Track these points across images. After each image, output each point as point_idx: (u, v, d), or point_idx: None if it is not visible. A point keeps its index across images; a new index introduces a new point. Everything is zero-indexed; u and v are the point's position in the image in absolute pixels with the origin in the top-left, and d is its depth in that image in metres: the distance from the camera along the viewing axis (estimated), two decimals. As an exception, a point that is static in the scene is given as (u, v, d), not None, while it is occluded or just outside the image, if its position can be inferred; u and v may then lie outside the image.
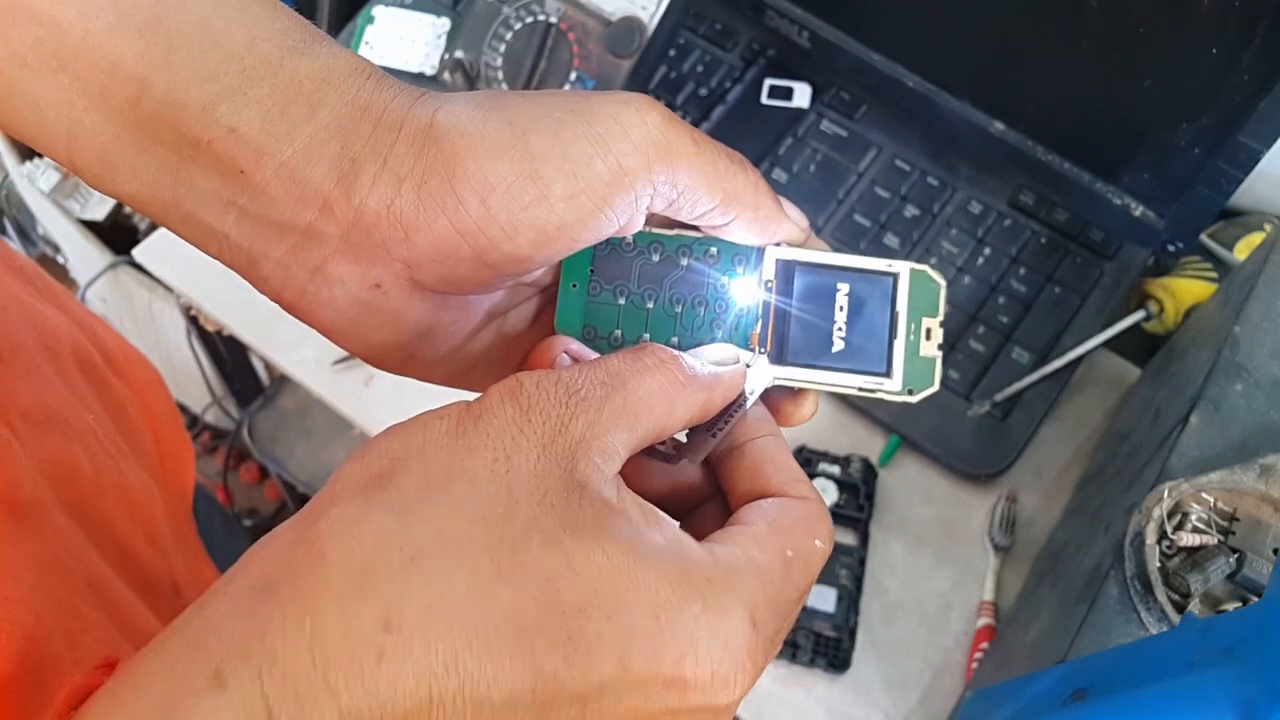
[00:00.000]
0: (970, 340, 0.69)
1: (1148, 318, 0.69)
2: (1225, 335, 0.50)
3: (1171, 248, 0.70)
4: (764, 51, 0.78)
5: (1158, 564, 0.43)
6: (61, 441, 0.42)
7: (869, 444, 0.69)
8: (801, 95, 0.76)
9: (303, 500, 1.21)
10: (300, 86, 0.27)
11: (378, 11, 0.81)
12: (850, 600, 0.64)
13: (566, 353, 0.30)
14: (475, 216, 0.27)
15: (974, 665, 0.62)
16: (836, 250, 0.33)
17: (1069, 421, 0.70)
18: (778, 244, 0.33)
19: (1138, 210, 0.70)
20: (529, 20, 0.75)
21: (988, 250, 0.72)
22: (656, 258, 0.33)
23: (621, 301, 0.33)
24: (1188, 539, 0.43)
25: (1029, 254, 0.72)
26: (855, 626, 0.63)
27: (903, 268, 0.33)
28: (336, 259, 0.28)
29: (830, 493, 0.66)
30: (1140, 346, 0.71)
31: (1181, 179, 0.67)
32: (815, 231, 0.81)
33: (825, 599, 0.64)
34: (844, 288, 0.33)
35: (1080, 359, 0.67)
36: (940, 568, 0.66)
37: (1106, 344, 0.67)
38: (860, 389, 0.32)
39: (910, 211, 0.73)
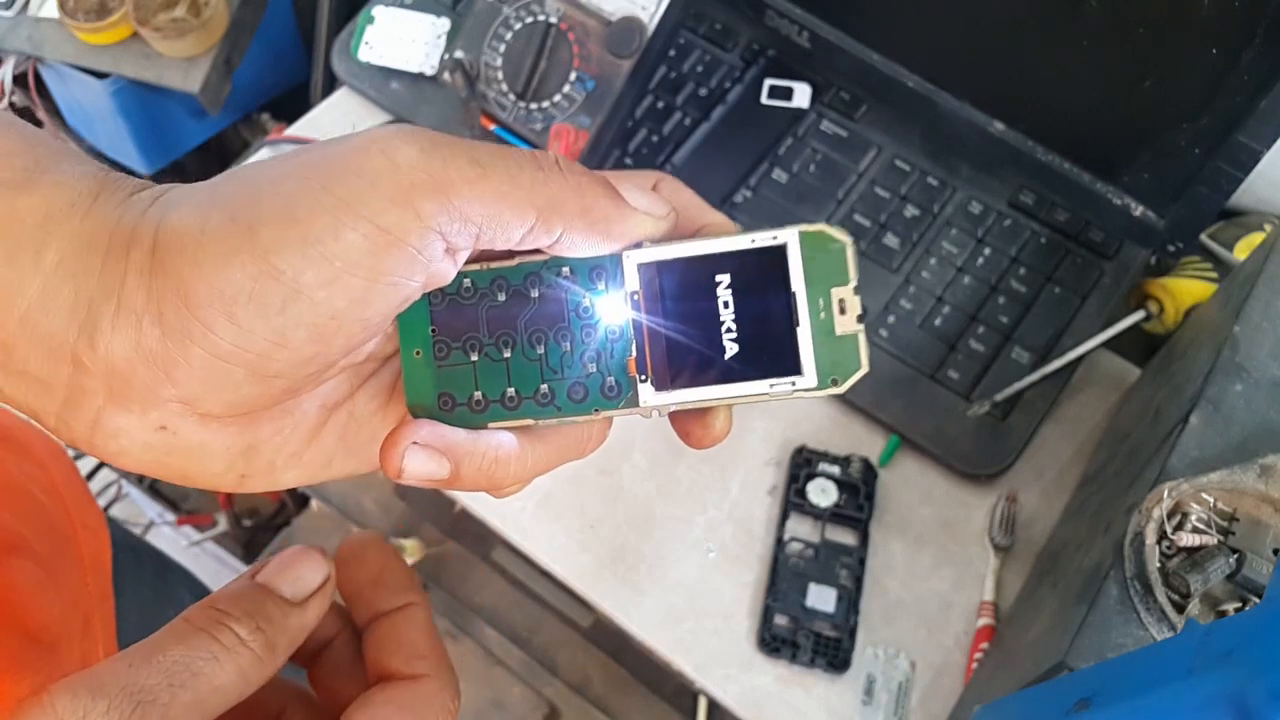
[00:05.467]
0: (970, 340, 0.69)
1: (1148, 318, 0.69)
2: (1225, 335, 0.50)
3: (1171, 248, 0.70)
4: (764, 51, 0.78)
5: (1158, 564, 0.43)
6: None
7: (869, 444, 0.69)
8: (801, 95, 0.76)
9: (303, 501, 1.21)
10: (22, 228, 0.24)
11: (378, 11, 0.81)
12: (850, 600, 0.64)
13: (416, 443, 0.26)
14: (229, 337, 0.24)
15: (974, 665, 0.62)
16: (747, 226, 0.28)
17: (1069, 421, 0.70)
18: (638, 245, 0.28)
19: (1138, 210, 0.70)
20: (529, 20, 0.75)
21: (988, 250, 0.72)
22: (502, 296, 0.28)
23: (474, 358, 0.28)
24: (1188, 539, 0.43)
25: (1029, 254, 0.72)
26: (855, 626, 0.64)
27: (789, 235, 0.27)
28: (108, 412, 0.25)
29: (830, 493, 0.66)
30: (1140, 346, 0.71)
31: (1181, 179, 0.67)
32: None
33: (825, 599, 0.64)
34: (724, 278, 0.27)
35: (1080, 359, 0.67)
36: (940, 568, 0.66)
37: (1106, 344, 0.67)
38: (771, 394, 0.27)
39: (910, 211, 0.73)
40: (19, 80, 0.93)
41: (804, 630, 0.63)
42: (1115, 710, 0.31)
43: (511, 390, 0.28)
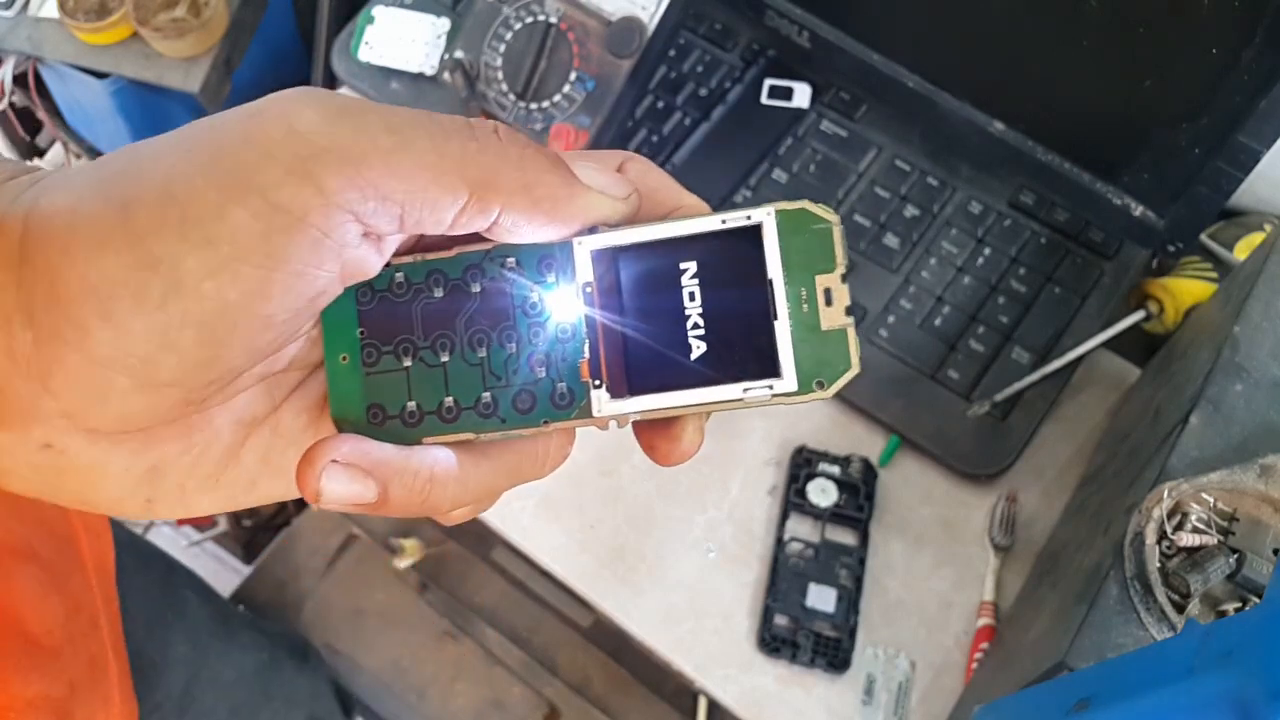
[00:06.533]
0: (970, 340, 0.69)
1: (1148, 318, 0.69)
2: (1225, 335, 0.50)
3: (1171, 248, 0.70)
4: (764, 51, 0.77)
5: (1157, 564, 0.43)
6: None
7: (869, 444, 0.69)
8: (801, 95, 0.76)
9: (302, 502, 1.22)
10: None
11: (378, 11, 0.81)
12: (850, 600, 0.64)
13: (337, 460, 0.23)
14: (106, 339, 0.20)
15: (974, 665, 0.62)
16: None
17: (1069, 421, 0.70)
18: (593, 231, 0.24)
19: (1138, 210, 0.70)
20: (529, 20, 0.75)
21: (988, 250, 0.72)
22: (439, 292, 0.25)
23: (408, 363, 0.25)
24: (1188, 539, 0.43)
25: (1029, 254, 0.72)
26: (855, 626, 0.64)
27: (764, 213, 0.23)
28: None
29: (830, 493, 0.66)
30: (1140, 346, 0.71)
31: (1181, 179, 0.67)
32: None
33: (825, 599, 0.64)
34: (689, 266, 0.24)
35: (1080, 359, 0.67)
36: (940, 568, 0.66)
37: (1106, 344, 0.67)
38: (745, 400, 0.24)
39: (910, 211, 0.73)
40: (19, 80, 0.93)
41: (804, 630, 0.63)
42: (1115, 710, 0.31)
43: (449, 400, 0.25)
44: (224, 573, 1.16)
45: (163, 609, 0.67)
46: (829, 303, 0.23)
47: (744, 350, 0.24)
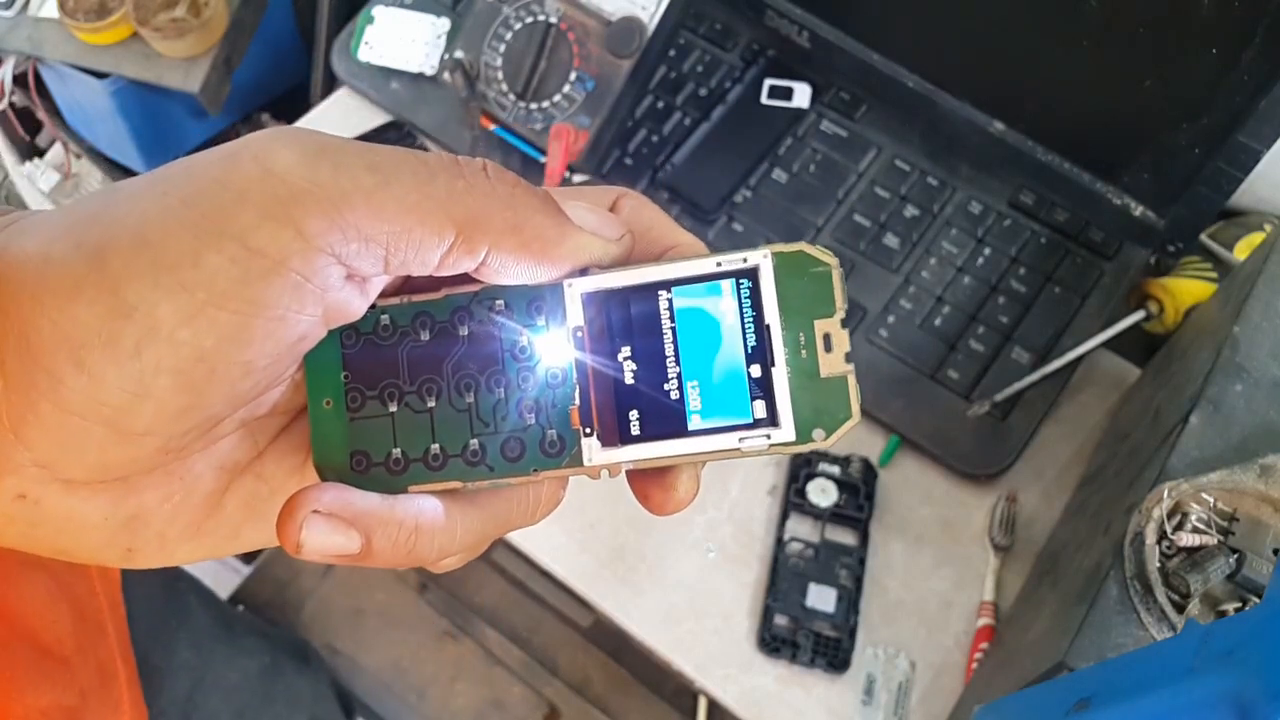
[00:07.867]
0: (970, 340, 0.69)
1: (1148, 318, 0.69)
2: (1225, 335, 0.50)
3: (1171, 248, 0.70)
4: (764, 51, 0.78)
5: (1157, 564, 0.43)
6: None
7: (869, 444, 0.69)
8: (801, 95, 0.76)
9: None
10: None
11: (378, 11, 0.81)
12: (850, 600, 0.64)
13: (318, 511, 0.22)
14: (80, 387, 0.20)
15: (974, 665, 0.62)
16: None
17: (1069, 421, 0.70)
18: (584, 272, 0.24)
19: (1138, 210, 0.70)
20: (529, 20, 0.75)
21: (988, 250, 0.72)
22: (426, 335, 0.24)
23: (393, 408, 0.24)
24: (1187, 539, 0.43)
25: (1029, 254, 0.72)
26: (855, 626, 0.64)
27: (760, 256, 0.23)
28: None
29: (830, 493, 0.66)
30: (1140, 346, 0.71)
31: (1181, 179, 0.67)
32: (813, 234, 0.71)
33: (825, 599, 0.64)
34: (684, 310, 0.24)
35: (1080, 359, 0.67)
36: (940, 568, 0.66)
37: (1106, 344, 0.67)
38: (742, 450, 0.23)
39: (910, 211, 0.73)
40: (19, 80, 0.93)
41: (804, 630, 0.63)
42: (1115, 710, 0.31)
43: (436, 447, 0.24)
44: (224, 572, 1.16)
45: (166, 615, 0.67)
46: (828, 349, 0.23)
47: (741, 398, 0.23)
